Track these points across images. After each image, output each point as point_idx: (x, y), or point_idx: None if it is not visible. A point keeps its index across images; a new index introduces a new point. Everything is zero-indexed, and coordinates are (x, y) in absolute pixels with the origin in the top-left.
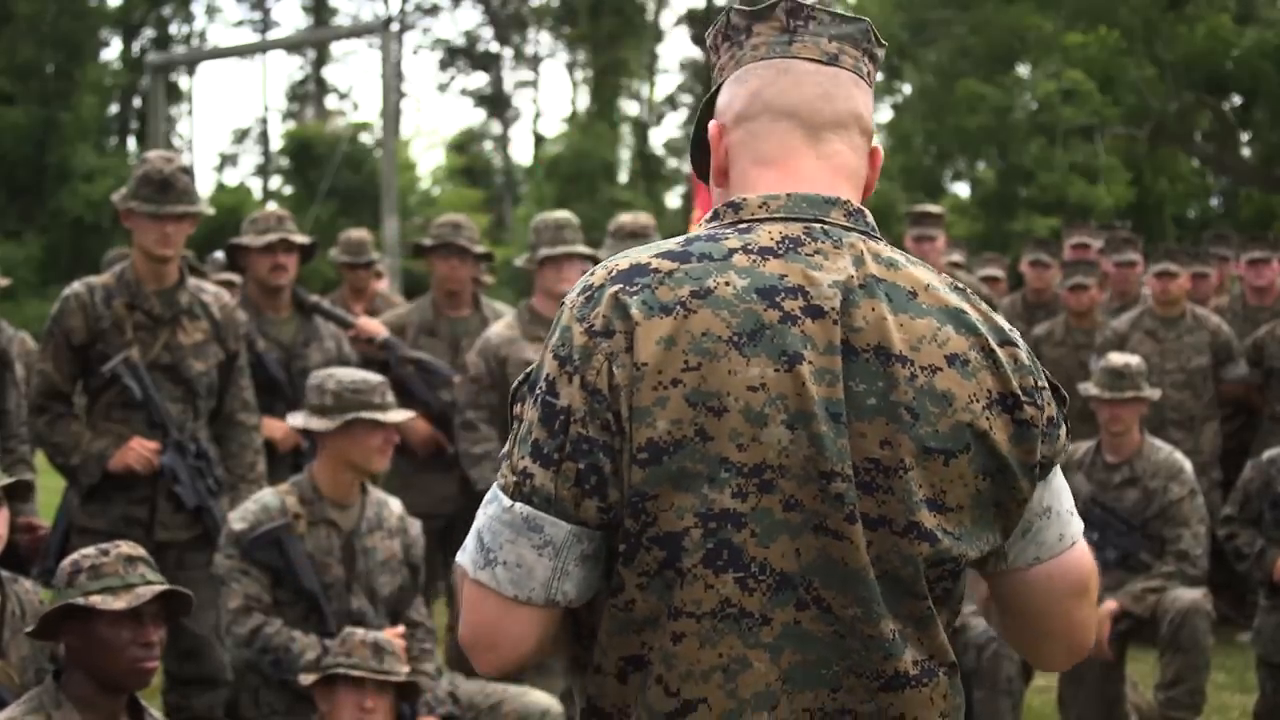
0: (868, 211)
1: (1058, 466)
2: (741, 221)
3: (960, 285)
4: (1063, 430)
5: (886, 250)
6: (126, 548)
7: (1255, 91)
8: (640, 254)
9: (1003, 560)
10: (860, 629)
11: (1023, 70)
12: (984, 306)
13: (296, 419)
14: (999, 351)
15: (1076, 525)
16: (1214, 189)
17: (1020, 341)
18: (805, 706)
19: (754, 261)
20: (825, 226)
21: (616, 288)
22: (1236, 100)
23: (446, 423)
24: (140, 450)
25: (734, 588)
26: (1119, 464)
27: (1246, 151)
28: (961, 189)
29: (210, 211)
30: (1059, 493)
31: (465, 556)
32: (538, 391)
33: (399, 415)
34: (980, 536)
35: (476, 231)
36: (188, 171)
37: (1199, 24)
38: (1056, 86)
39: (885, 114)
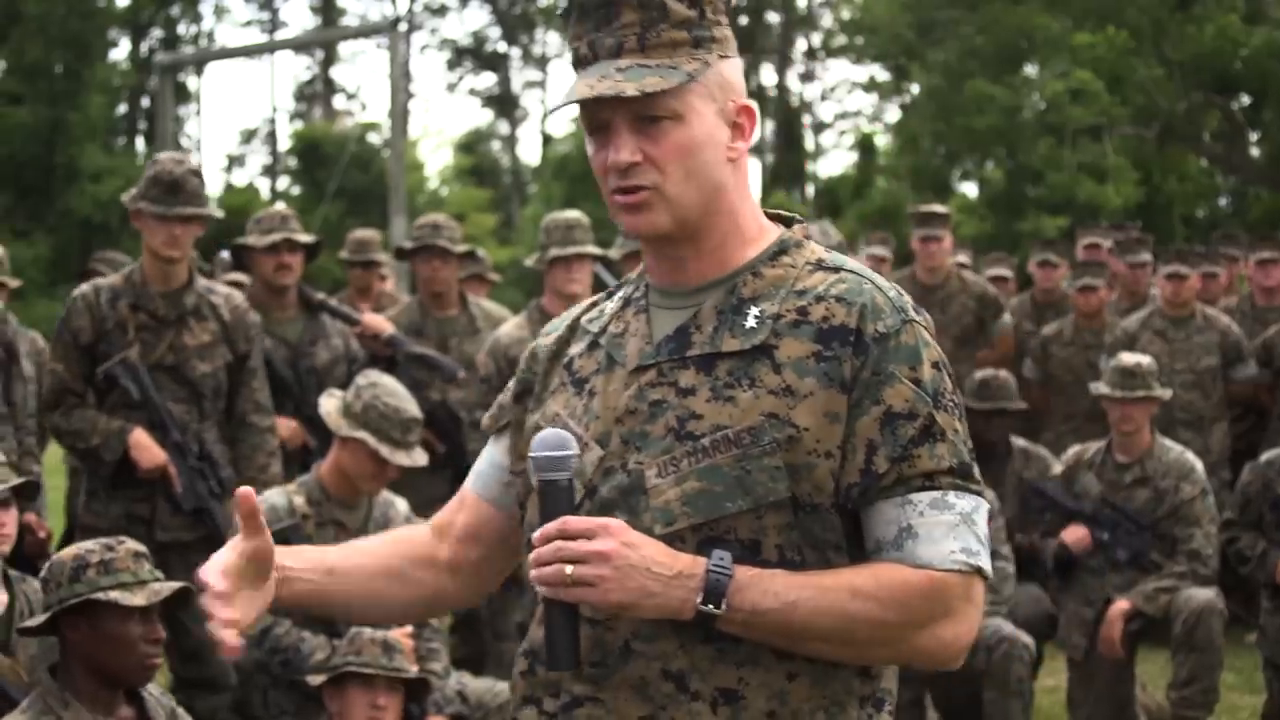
0: None
1: None
2: None
3: None
4: None
5: None
6: (131, 544)
7: (1264, 91)
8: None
9: None
10: None
11: (1031, 70)
12: None
13: (330, 402)
14: None
15: None
16: (1222, 189)
17: None
18: None
19: None
20: None
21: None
22: (1245, 100)
23: (434, 421)
24: (154, 448)
25: None
26: (1130, 464)
27: (1255, 151)
28: (970, 189)
29: (219, 214)
30: None
31: (980, 559)
32: (954, 400)
33: (403, 459)
34: None
35: (458, 231)
36: (198, 174)
37: (1207, 24)
38: (1065, 86)
39: (893, 114)
